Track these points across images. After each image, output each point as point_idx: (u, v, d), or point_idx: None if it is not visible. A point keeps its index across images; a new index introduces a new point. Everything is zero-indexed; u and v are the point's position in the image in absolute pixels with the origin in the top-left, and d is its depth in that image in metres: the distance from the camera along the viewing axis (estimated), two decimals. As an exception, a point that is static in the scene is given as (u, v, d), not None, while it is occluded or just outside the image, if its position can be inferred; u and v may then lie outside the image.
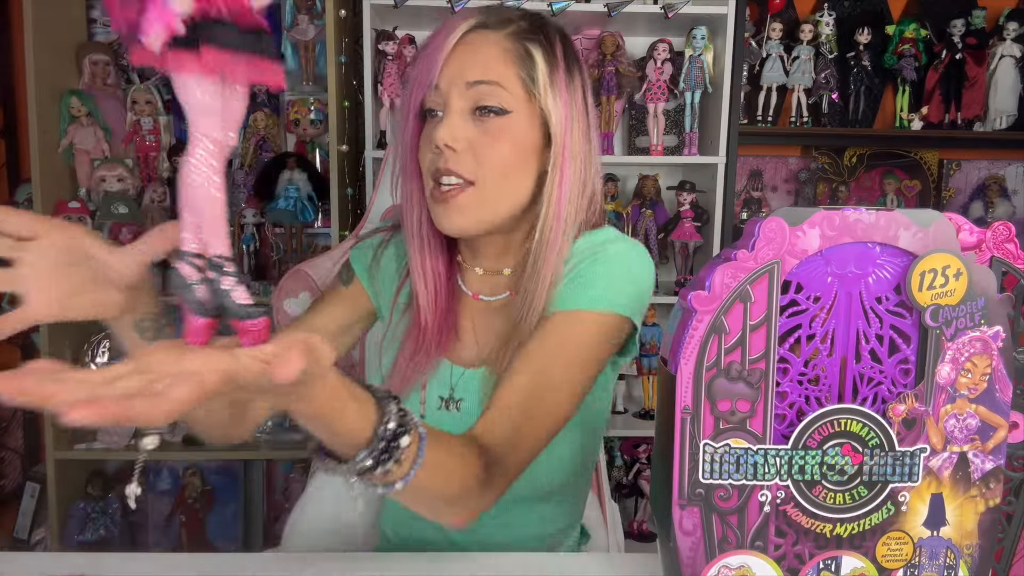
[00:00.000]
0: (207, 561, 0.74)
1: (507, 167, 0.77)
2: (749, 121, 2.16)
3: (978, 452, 0.55)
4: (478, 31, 0.78)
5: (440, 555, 0.82)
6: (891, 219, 0.53)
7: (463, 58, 0.77)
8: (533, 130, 0.78)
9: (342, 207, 1.92)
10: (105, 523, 1.95)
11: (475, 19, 0.78)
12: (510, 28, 0.79)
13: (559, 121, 0.78)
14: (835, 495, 0.54)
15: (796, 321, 0.55)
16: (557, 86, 0.78)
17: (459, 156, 0.75)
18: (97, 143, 1.91)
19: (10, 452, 2.19)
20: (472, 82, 0.76)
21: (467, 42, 0.77)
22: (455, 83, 0.76)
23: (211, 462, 2.08)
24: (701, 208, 2.00)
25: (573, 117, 0.79)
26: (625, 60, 1.95)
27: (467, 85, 0.76)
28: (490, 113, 0.76)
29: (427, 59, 0.77)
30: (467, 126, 0.76)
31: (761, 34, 2.13)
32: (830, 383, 0.56)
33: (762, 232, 0.52)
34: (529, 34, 0.79)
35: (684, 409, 0.54)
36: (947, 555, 0.56)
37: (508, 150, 0.76)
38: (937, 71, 2.18)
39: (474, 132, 0.76)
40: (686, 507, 0.55)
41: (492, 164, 0.76)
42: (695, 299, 0.53)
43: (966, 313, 0.53)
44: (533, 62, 0.78)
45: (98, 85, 1.97)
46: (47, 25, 1.84)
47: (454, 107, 0.76)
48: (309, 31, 2.02)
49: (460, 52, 0.77)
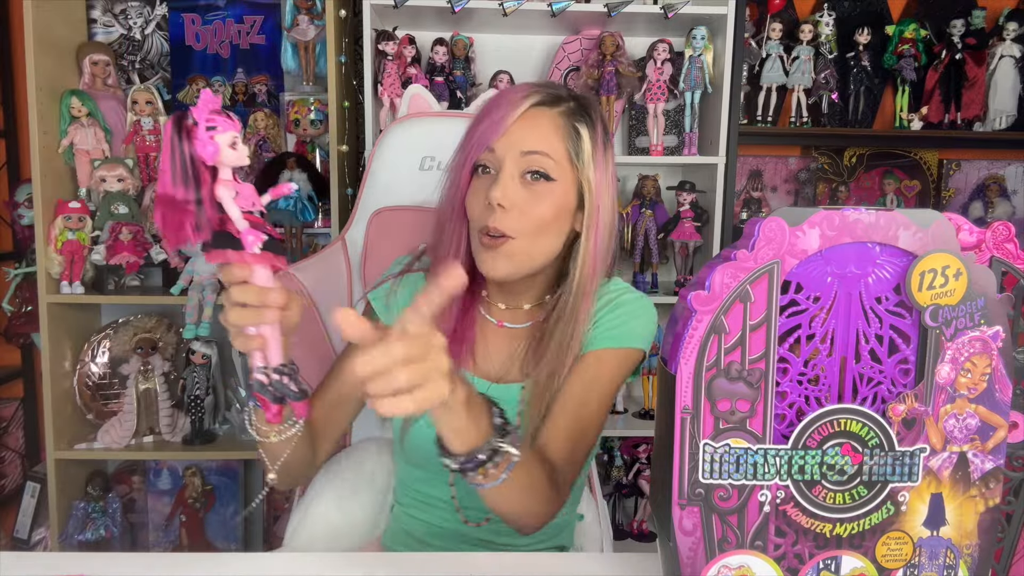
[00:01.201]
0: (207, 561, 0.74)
1: (546, 226, 0.89)
2: (749, 121, 2.16)
3: (978, 452, 0.55)
4: (536, 108, 0.90)
5: (440, 555, 0.82)
6: (891, 219, 0.53)
7: (522, 130, 0.88)
8: (570, 196, 0.90)
9: (342, 207, 1.92)
10: (105, 523, 1.95)
11: (535, 97, 0.90)
12: (562, 107, 0.91)
13: (596, 190, 0.91)
14: (835, 495, 0.54)
15: (796, 321, 0.55)
16: (597, 161, 0.91)
17: (507, 214, 0.87)
18: (97, 143, 1.90)
19: (10, 452, 2.19)
20: (527, 151, 0.88)
21: (526, 116, 0.89)
22: (511, 150, 0.88)
23: (211, 462, 2.08)
24: (701, 208, 2.00)
25: (606, 186, 0.92)
26: (625, 60, 1.94)
27: (522, 153, 0.88)
28: (539, 178, 0.88)
29: (490, 124, 0.89)
30: (518, 188, 0.88)
31: (761, 34, 2.13)
32: (830, 383, 0.56)
33: (762, 232, 0.52)
34: (578, 115, 0.91)
35: (684, 409, 0.54)
36: (947, 555, 0.56)
37: (549, 211, 0.88)
38: (937, 71, 2.18)
39: (522, 193, 0.88)
40: (686, 507, 0.55)
41: (535, 223, 0.88)
42: (695, 299, 0.53)
43: (966, 313, 0.53)
44: (580, 140, 0.90)
45: (98, 85, 1.97)
46: (47, 25, 1.84)
47: (507, 170, 0.88)
48: (309, 31, 2.02)
49: (519, 124, 0.89)
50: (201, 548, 2.05)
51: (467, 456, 0.66)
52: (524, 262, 0.90)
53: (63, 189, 1.91)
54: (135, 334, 1.98)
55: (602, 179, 0.91)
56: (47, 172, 1.83)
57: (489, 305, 1.00)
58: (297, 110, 2.06)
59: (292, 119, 2.07)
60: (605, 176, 0.92)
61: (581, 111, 0.92)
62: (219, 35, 2.14)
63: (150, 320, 2.04)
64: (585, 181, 0.90)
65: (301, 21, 2.01)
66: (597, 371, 0.90)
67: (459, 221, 0.93)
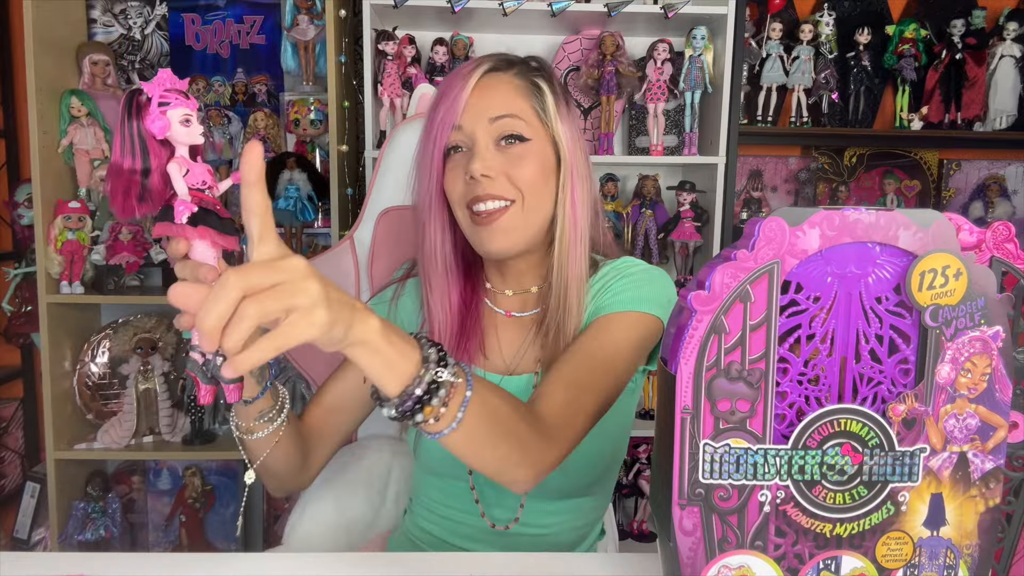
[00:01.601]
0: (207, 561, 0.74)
1: (537, 184, 0.87)
2: (749, 121, 2.16)
3: (978, 452, 0.55)
4: (490, 74, 0.88)
5: (441, 555, 0.82)
6: (891, 219, 0.53)
7: (482, 98, 0.86)
8: (548, 152, 0.89)
9: (342, 207, 1.92)
10: (105, 523, 1.95)
11: (485, 65, 0.88)
12: (515, 68, 0.89)
13: (567, 144, 0.89)
14: (835, 495, 0.54)
15: (796, 321, 0.55)
16: (562, 115, 0.89)
17: (495, 182, 0.85)
18: (97, 143, 1.91)
19: (10, 452, 2.19)
20: (494, 117, 0.86)
21: (482, 85, 0.87)
22: (478, 120, 0.86)
23: (211, 462, 2.08)
24: (701, 208, 2.00)
25: (576, 140, 0.90)
26: (625, 60, 1.94)
27: (490, 120, 0.86)
28: (514, 141, 0.86)
29: (448, 103, 0.86)
30: (496, 155, 0.86)
31: (761, 34, 2.13)
32: (830, 383, 0.56)
33: (762, 232, 0.52)
34: (533, 72, 0.90)
35: (684, 409, 0.54)
36: (947, 555, 0.56)
37: (535, 170, 0.86)
38: (937, 71, 2.18)
39: (502, 160, 0.86)
40: (686, 507, 0.55)
41: (525, 183, 0.86)
42: (695, 299, 0.53)
43: (966, 313, 0.53)
44: (543, 94, 0.89)
45: (98, 85, 1.97)
46: (47, 25, 1.84)
47: (481, 141, 0.86)
48: (309, 31, 2.02)
49: (478, 94, 0.87)
50: (201, 548, 2.05)
51: (402, 395, 0.57)
52: (521, 232, 0.87)
53: (63, 189, 1.91)
54: (135, 334, 1.98)
55: (571, 132, 0.90)
56: (47, 172, 1.83)
57: (496, 296, 0.97)
58: (297, 110, 2.06)
59: (292, 119, 2.07)
60: (573, 128, 0.90)
61: (534, 68, 0.91)
62: (219, 35, 2.14)
63: (150, 320, 2.04)
64: (556, 135, 0.89)
65: (301, 21, 2.01)
66: (605, 331, 0.85)
67: (439, 212, 0.90)
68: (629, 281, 0.89)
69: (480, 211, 0.85)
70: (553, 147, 0.89)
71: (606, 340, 0.84)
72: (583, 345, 0.83)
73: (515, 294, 0.95)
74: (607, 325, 0.85)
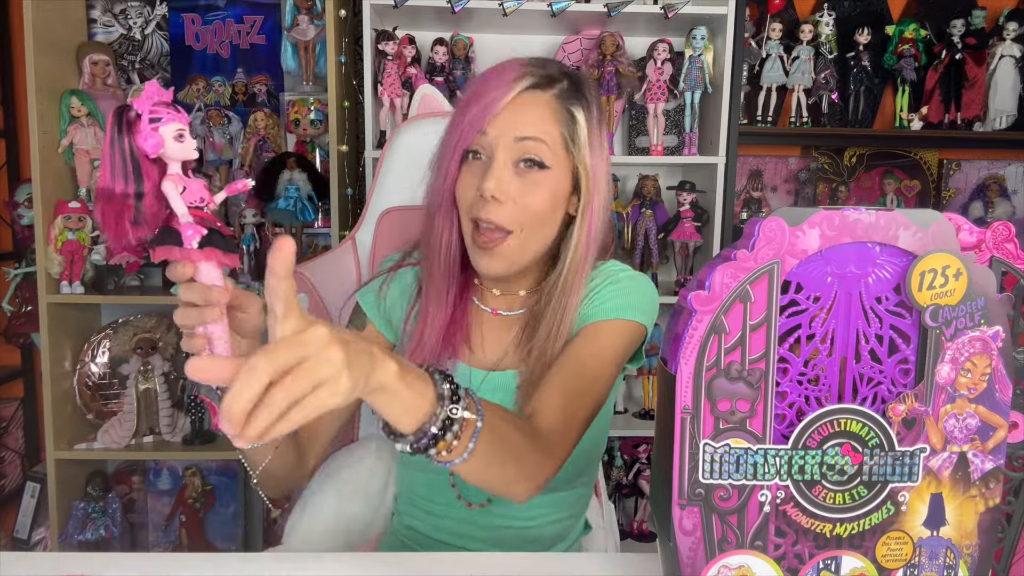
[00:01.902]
0: (207, 561, 0.74)
1: (543, 217, 0.86)
2: (749, 121, 2.16)
3: (978, 452, 0.55)
4: (531, 90, 0.85)
5: (440, 555, 0.82)
6: (891, 219, 0.53)
7: (515, 114, 0.84)
8: (566, 181, 0.87)
9: (342, 207, 1.92)
10: (105, 523, 1.95)
11: (528, 80, 0.85)
12: (556, 89, 0.87)
13: (592, 175, 0.88)
14: (835, 495, 0.54)
15: (796, 321, 0.55)
16: (593, 144, 0.88)
17: (501, 207, 0.84)
18: (97, 143, 1.90)
19: (10, 452, 2.19)
20: (521, 137, 0.84)
21: (519, 100, 0.85)
22: (503, 135, 0.84)
23: (211, 462, 2.08)
24: (701, 208, 2.00)
25: (602, 169, 0.89)
26: (625, 60, 1.94)
27: (516, 139, 0.84)
28: (533, 166, 0.85)
29: (481, 107, 0.84)
30: (512, 178, 0.84)
31: (761, 34, 2.13)
32: (830, 383, 0.56)
33: (762, 232, 0.52)
34: (572, 97, 0.87)
35: (684, 409, 0.54)
36: (947, 555, 0.56)
37: (545, 201, 0.85)
38: (937, 71, 2.18)
39: (517, 184, 0.84)
40: (686, 507, 0.55)
41: (531, 215, 0.85)
42: (695, 299, 0.53)
43: (966, 313, 0.53)
44: (576, 124, 0.87)
45: (98, 85, 1.97)
46: (47, 25, 1.83)
47: (500, 158, 0.84)
48: (309, 31, 2.02)
49: (512, 108, 0.84)
50: (201, 548, 2.05)
51: (417, 433, 0.58)
52: (519, 258, 0.88)
53: (63, 189, 1.91)
54: (135, 334, 1.98)
55: (598, 163, 0.88)
56: (47, 172, 1.83)
57: (483, 293, 0.97)
58: (297, 110, 2.06)
59: (292, 119, 2.07)
60: (601, 158, 0.89)
61: (575, 91, 0.88)
62: (219, 35, 2.14)
63: (150, 320, 2.04)
64: (582, 166, 0.88)
65: (301, 21, 2.01)
66: (594, 339, 0.87)
67: (449, 210, 0.90)
68: (617, 288, 0.90)
69: (483, 228, 0.85)
70: (572, 176, 0.88)
71: (596, 349, 0.85)
72: (575, 354, 0.84)
73: (503, 294, 0.96)
74: (596, 333, 0.86)
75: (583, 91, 0.89)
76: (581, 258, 0.89)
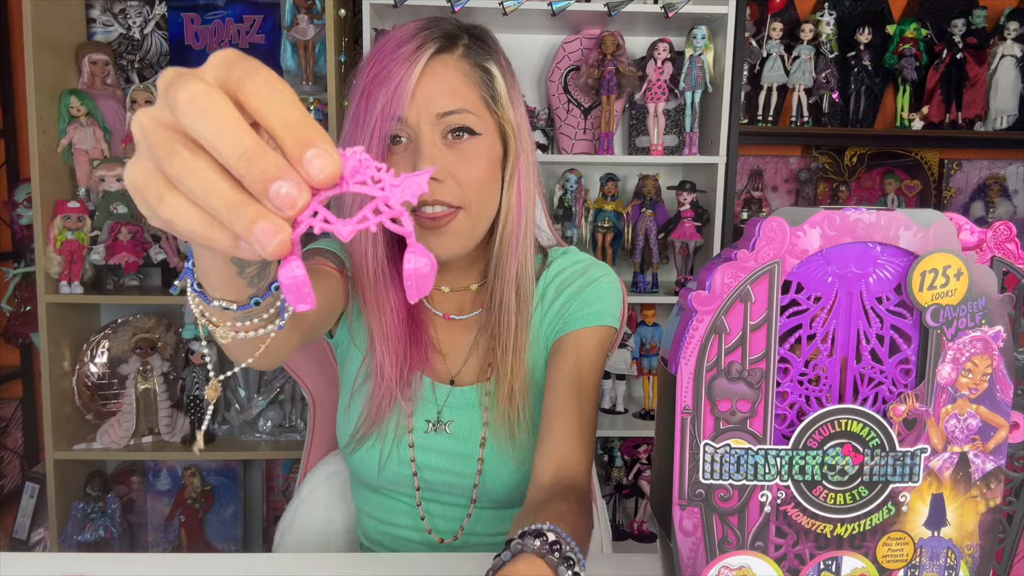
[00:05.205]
0: (207, 561, 0.74)
1: (484, 184, 0.81)
2: (749, 121, 2.16)
3: (979, 452, 0.55)
4: (436, 57, 0.79)
5: (437, 555, 0.82)
6: (892, 219, 0.53)
7: (429, 89, 0.78)
8: (497, 146, 0.83)
9: (342, 207, 1.92)
10: (104, 523, 1.95)
11: (429, 47, 0.78)
12: (460, 48, 0.81)
13: (517, 131, 0.83)
14: (835, 495, 0.54)
15: (796, 321, 0.55)
16: (513, 98, 0.83)
17: (443, 185, 0.78)
18: (96, 143, 1.90)
19: (10, 452, 2.19)
20: (443, 113, 0.78)
21: (428, 72, 0.78)
22: (424, 115, 0.78)
23: (210, 462, 2.08)
24: (701, 208, 2.00)
25: (524, 123, 0.84)
26: (625, 60, 1.94)
27: (438, 116, 0.78)
28: (463, 134, 0.79)
29: (389, 91, 0.76)
30: (444, 155, 0.78)
31: (761, 34, 2.13)
32: (830, 383, 0.56)
33: (762, 232, 0.52)
34: (480, 51, 0.82)
35: (684, 409, 0.53)
36: (948, 555, 0.56)
37: (483, 168, 0.80)
38: (938, 71, 2.18)
39: (451, 158, 0.79)
40: (686, 507, 0.54)
41: (475, 187, 0.80)
42: (695, 299, 0.53)
43: (967, 313, 0.53)
44: (492, 79, 0.82)
45: (98, 85, 1.97)
46: (46, 24, 1.83)
47: (427, 138, 0.78)
48: (309, 31, 2.02)
49: (423, 82, 0.78)
50: (200, 548, 2.05)
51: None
52: (469, 234, 0.82)
53: (62, 189, 1.91)
54: (134, 334, 1.98)
55: (520, 118, 0.83)
56: (46, 172, 1.83)
57: (432, 295, 0.91)
58: (297, 110, 2.06)
59: (292, 119, 2.07)
60: (521, 111, 0.84)
61: (480, 45, 0.82)
62: (218, 34, 2.14)
63: (149, 320, 2.04)
64: (507, 124, 0.82)
65: (300, 20, 2.01)
66: (585, 355, 0.84)
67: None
68: (595, 292, 0.88)
69: (426, 214, 0.79)
70: (500, 135, 0.83)
71: (589, 365, 0.84)
72: (571, 375, 0.82)
73: (452, 291, 0.91)
74: (580, 347, 0.84)
75: (487, 41, 0.84)
76: (515, 222, 0.83)
